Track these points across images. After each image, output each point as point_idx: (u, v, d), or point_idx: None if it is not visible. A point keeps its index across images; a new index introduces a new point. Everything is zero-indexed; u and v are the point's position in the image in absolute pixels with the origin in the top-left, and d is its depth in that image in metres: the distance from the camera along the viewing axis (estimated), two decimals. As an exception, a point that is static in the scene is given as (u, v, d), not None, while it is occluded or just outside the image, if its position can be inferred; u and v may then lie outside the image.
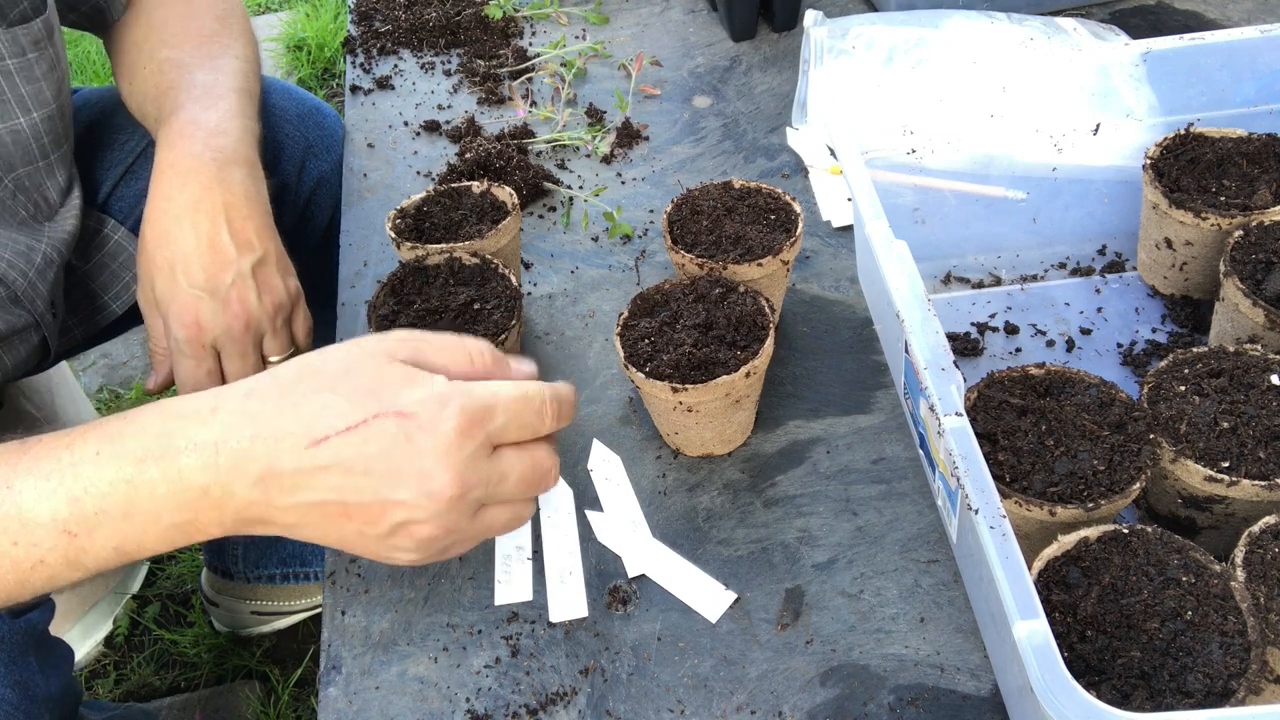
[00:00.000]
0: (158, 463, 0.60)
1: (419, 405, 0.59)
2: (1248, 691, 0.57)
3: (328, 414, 0.59)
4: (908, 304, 0.71)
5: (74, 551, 0.61)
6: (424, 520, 0.60)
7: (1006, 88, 0.93)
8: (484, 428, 0.60)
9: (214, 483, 0.59)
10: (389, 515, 0.60)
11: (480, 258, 0.89)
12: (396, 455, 0.59)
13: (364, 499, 0.59)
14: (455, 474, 0.59)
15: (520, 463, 0.63)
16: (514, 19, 1.37)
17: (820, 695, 0.70)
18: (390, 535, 0.61)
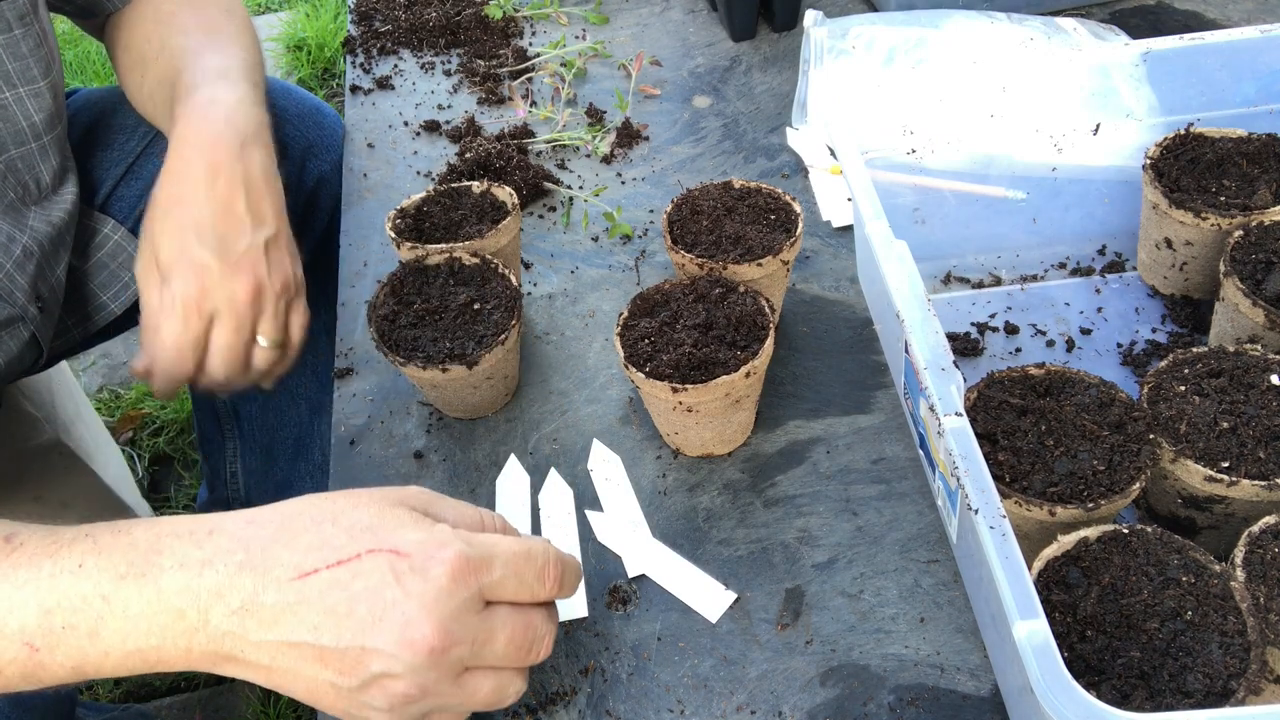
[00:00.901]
0: (138, 580, 0.57)
1: (415, 545, 0.57)
2: (1248, 691, 0.57)
3: (324, 548, 0.57)
4: (908, 304, 0.71)
5: (32, 666, 0.57)
6: (400, 674, 0.56)
7: (1006, 88, 0.93)
8: (479, 578, 0.58)
9: (191, 607, 0.56)
10: (365, 664, 0.56)
11: (480, 258, 0.89)
12: (382, 597, 0.56)
13: (341, 643, 0.56)
14: (439, 623, 0.56)
15: (512, 623, 0.59)
16: (514, 19, 1.37)
17: (820, 695, 0.70)
18: (363, 689, 0.57)
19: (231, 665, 0.58)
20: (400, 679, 0.56)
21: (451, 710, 0.60)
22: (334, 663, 0.56)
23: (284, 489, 1.29)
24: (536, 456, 0.87)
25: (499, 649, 0.59)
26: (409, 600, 0.56)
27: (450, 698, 0.58)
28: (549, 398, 0.92)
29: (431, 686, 0.57)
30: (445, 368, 0.81)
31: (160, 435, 1.80)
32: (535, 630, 0.60)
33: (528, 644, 0.60)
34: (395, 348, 0.84)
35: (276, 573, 0.56)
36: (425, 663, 0.56)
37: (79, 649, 0.57)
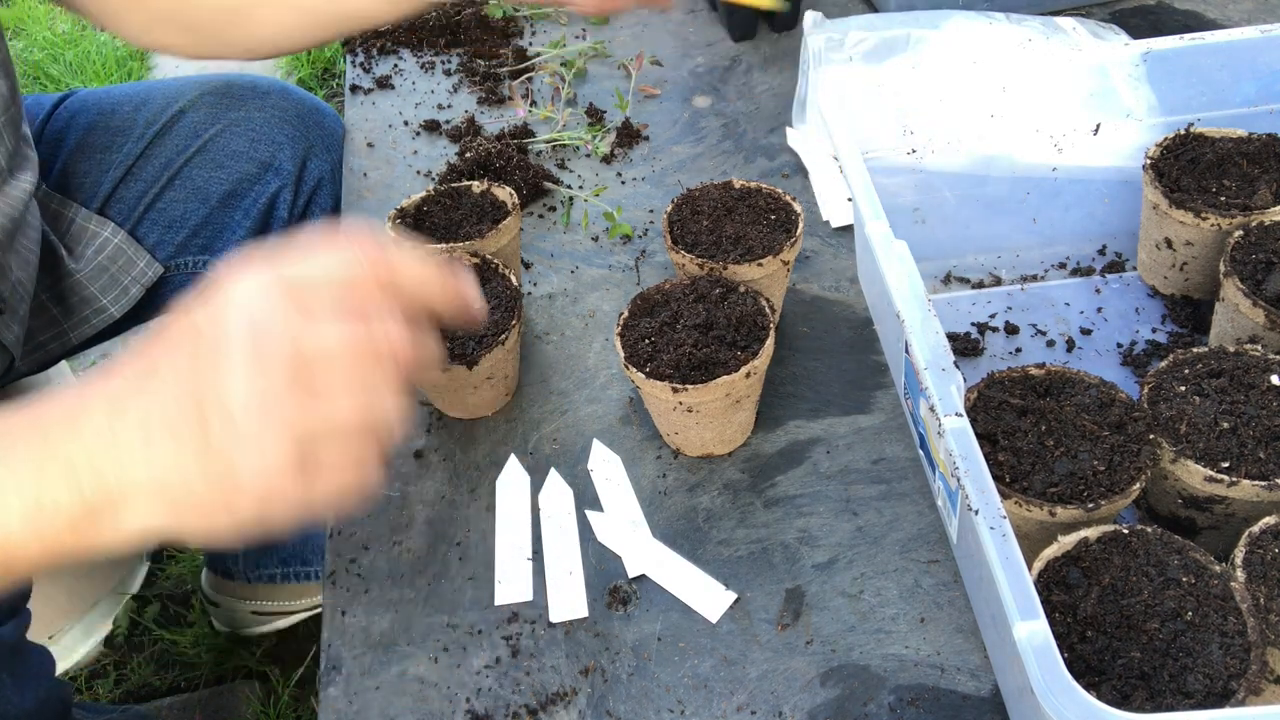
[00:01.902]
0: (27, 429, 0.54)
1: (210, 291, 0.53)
2: (1248, 692, 0.57)
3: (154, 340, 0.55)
4: (908, 304, 0.71)
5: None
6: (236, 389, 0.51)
7: (1006, 88, 0.93)
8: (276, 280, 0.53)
9: (71, 435, 0.54)
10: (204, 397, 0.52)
11: (480, 257, 0.89)
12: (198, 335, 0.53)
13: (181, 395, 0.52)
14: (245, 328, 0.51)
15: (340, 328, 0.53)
16: (514, 19, 1.37)
17: (820, 695, 0.70)
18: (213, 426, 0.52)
19: (126, 500, 0.54)
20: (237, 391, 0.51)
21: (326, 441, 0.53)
22: (183, 418, 0.52)
23: (284, 488, 1.29)
24: (536, 456, 0.87)
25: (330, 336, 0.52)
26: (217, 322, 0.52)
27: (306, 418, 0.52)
28: (549, 398, 0.92)
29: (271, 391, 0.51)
30: (445, 368, 0.81)
31: (160, 435, 1.80)
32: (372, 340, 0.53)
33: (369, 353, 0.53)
34: None
35: (119, 383, 0.54)
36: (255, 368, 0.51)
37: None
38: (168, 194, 1.08)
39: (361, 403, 0.53)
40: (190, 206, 1.08)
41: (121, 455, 0.53)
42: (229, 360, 0.51)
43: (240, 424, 0.51)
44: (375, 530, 0.84)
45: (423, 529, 0.83)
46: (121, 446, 0.53)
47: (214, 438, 0.52)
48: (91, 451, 0.54)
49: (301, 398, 0.52)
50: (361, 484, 0.55)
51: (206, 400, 0.52)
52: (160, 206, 1.08)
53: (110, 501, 0.54)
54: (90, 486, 0.53)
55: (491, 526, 0.83)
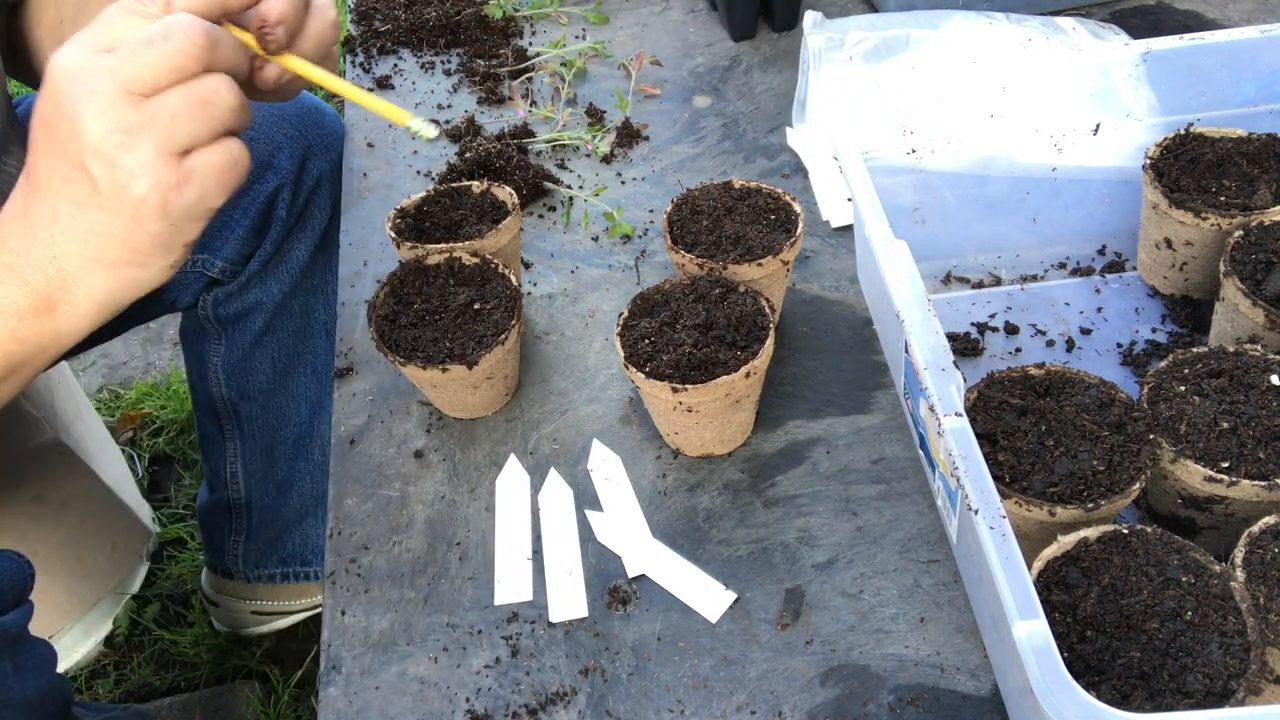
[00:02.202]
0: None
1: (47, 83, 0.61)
2: (1247, 692, 0.57)
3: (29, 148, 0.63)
4: (908, 304, 0.71)
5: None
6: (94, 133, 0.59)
7: (1006, 88, 0.93)
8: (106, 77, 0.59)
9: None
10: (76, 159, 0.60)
11: (480, 257, 0.89)
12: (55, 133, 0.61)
13: (61, 171, 0.61)
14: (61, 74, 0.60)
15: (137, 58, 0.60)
16: (514, 19, 1.37)
17: (820, 695, 0.70)
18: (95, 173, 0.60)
19: (71, 280, 0.64)
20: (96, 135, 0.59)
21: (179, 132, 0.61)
22: (72, 186, 0.61)
23: (284, 489, 1.29)
24: (536, 456, 0.87)
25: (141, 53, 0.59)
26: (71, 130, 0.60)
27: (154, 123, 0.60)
28: (549, 398, 0.92)
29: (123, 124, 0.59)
30: (445, 367, 0.81)
31: (160, 435, 1.80)
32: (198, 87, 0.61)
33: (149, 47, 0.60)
34: (395, 348, 0.84)
35: (20, 191, 0.64)
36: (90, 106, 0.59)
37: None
38: None
39: (191, 89, 0.61)
40: None
41: (46, 241, 0.63)
42: (75, 119, 0.59)
43: (111, 155, 0.60)
44: (375, 530, 0.84)
45: (423, 529, 0.83)
46: (41, 236, 0.63)
47: (101, 182, 0.60)
48: (20, 251, 0.63)
49: (145, 109, 0.60)
50: (234, 160, 0.63)
51: (77, 159, 0.60)
52: None
53: (57, 284, 0.64)
54: (36, 278, 0.63)
55: (491, 526, 0.83)
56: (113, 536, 1.45)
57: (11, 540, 1.28)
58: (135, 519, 1.50)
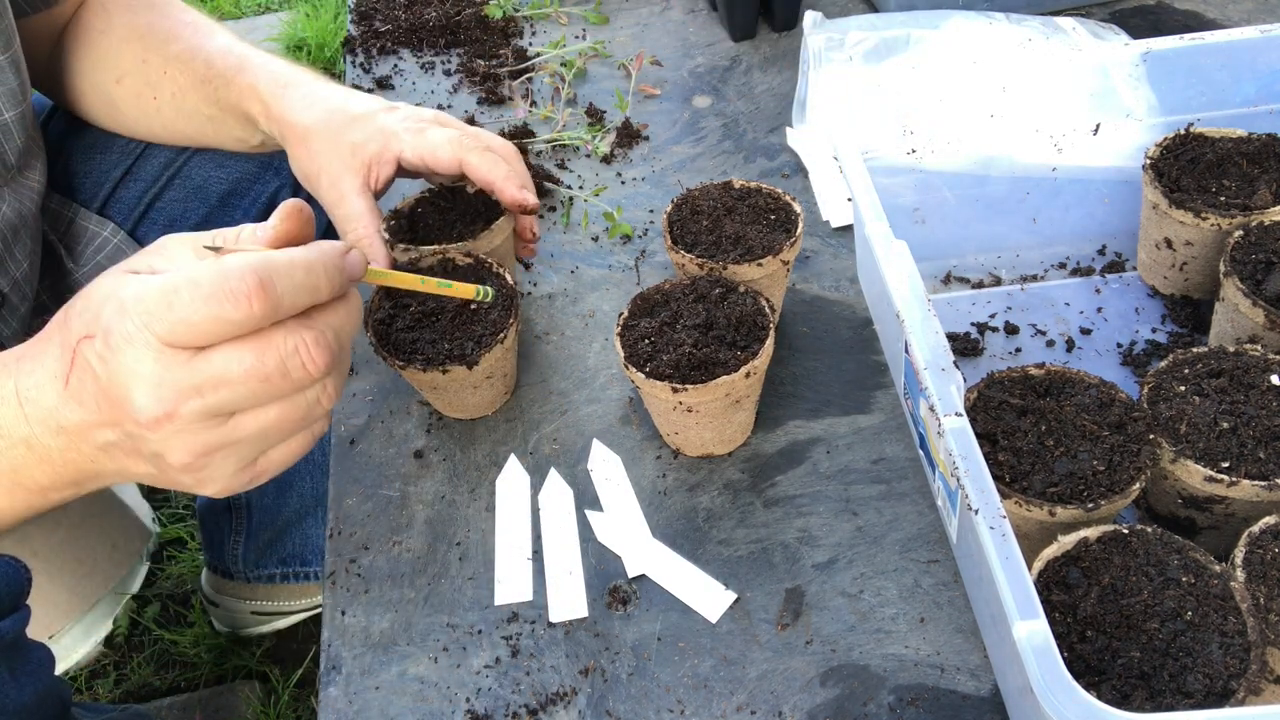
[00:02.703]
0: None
1: (90, 324, 0.54)
2: (1247, 692, 0.57)
3: (59, 354, 0.56)
4: (908, 304, 0.71)
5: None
6: (162, 451, 0.54)
7: (1006, 88, 0.93)
8: (153, 328, 0.51)
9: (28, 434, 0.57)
10: (141, 448, 0.55)
11: (474, 257, 0.88)
12: (101, 385, 0.54)
13: (117, 434, 0.55)
14: (147, 392, 0.52)
15: (240, 352, 0.53)
16: (514, 19, 1.37)
17: (820, 695, 0.70)
18: (163, 470, 0.56)
19: (98, 478, 0.60)
20: (167, 454, 0.55)
21: (260, 447, 0.57)
22: (130, 453, 0.56)
23: (284, 489, 1.29)
24: (536, 456, 0.87)
25: (244, 387, 0.53)
26: (116, 381, 0.53)
27: (237, 444, 0.56)
28: (549, 398, 0.92)
29: (201, 445, 0.55)
30: (445, 369, 0.81)
31: (160, 435, 1.80)
32: (277, 347, 0.53)
33: (274, 363, 0.53)
34: (394, 351, 0.84)
35: (54, 388, 0.56)
36: (166, 431, 0.53)
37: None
38: (167, 193, 1.08)
39: (290, 403, 0.56)
40: (190, 206, 1.08)
41: (84, 451, 0.58)
42: (144, 428, 0.53)
43: (186, 472, 0.56)
44: (375, 530, 0.84)
45: (423, 529, 0.83)
46: (80, 444, 0.57)
47: (169, 477, 0.57)
48: (53, 446, 0.58)
49: (229, 430, 0.55)
50: (302, 454, 0.60)
51: (148, 452, 0.56)
52: (160, 206, 1.08)
53: (84, 476, 0.60)
54: (67, 470, 0.59)
55: (491, 526, 0.83)
56: (113, 536, 1.44)
57: (12, 541, 1.27)
58: (135, 519, 1.50)
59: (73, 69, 1.00)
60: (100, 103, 1.01)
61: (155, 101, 0.98)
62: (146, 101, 0.99)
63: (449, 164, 0.88)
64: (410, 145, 0.88)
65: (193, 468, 0.56)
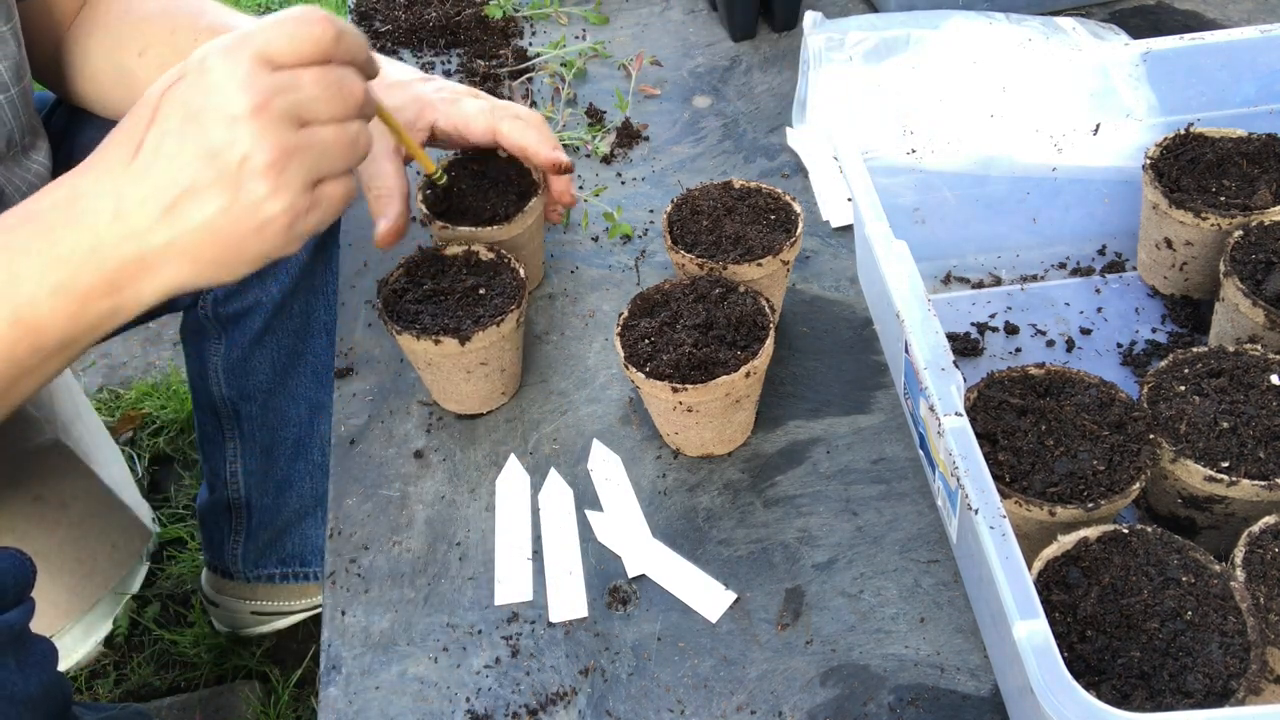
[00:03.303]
0: (29, 223, 0.64)
1: (181, 68, 0.63)
2: (1247, 691, 0.57)
3: (132, 126, 0.64)
4: (908, 304, 0.71)
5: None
6: (251, 147, 0.61)
7: (1006, 88, 0.93)
8: (246, 47, 0.62)
9: (77, 229, 0.63)
10: (224, 162, 0.61)
11: (496, 252, 0.89)
12: (190, 112, 0.61)
13: (196, 166, 0.61)
14: (241, 90, 0.61)
15: (309, 72, 0.63)
16: (514, 19, 1.37)
17: (820, 695, 0.70)
18: (240, 184, 0.62)
19: (148, 270, 0.64)
20: (254, 150, 0.61)
21: (324, 164, 0.65)
22: (205, 186, 0.62)
23: (284, 488, 1.29)
24: (536, 456, 0.87)
25: (311, 91, 0.63)
26: (208, 94, 0.61)
27: (310, 148, 0.63)
28: (549, 398, 0.92)
29: (282, 143, 0.62)
30: (438, 339, 0.82)
31: (160, 435, 1.80)
32: (333, 70, 0.64)
33: (334, 80, 0.64)
34: (395, 317, 0.85)
35: (118, 170, 0.63)
36: (260, 122, 0.61)
37: (7, 300, 0.63)
38: None
39: (343, 127, 0.65)
40: None
41: (140, 230, 0.63)
42: (236, 124, 0.61)
43: (267, 176, 0.62)
44: (375, 530, 0.84)
45: (423, 529, 0.83)
46: (137, 223, 0.63)
47: (244, 194, 0.62)
48: (106, 234, 0.63)
49: (304, 134, 0.63)
50: (350, 193, 0.67)
51: (229, 162, 0.61)
52: None
53: (132, 272, 0.64)
54: (113, 262, 0.63)
55: (491, 526, 0.83)
56: (113, 536, 1.44)
57: (11, 540, 1.27)
58: (135, 519, 1.50)
59: (87, 50, 0.99)
60: (114, 80, 1.00)
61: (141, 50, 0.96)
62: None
63: (482, 133, 0.91)
64: (444, 114, 0.91)
65: (275, 166, 0.62)
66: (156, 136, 0.62)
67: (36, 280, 0.63)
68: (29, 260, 0.63)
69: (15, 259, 0.63)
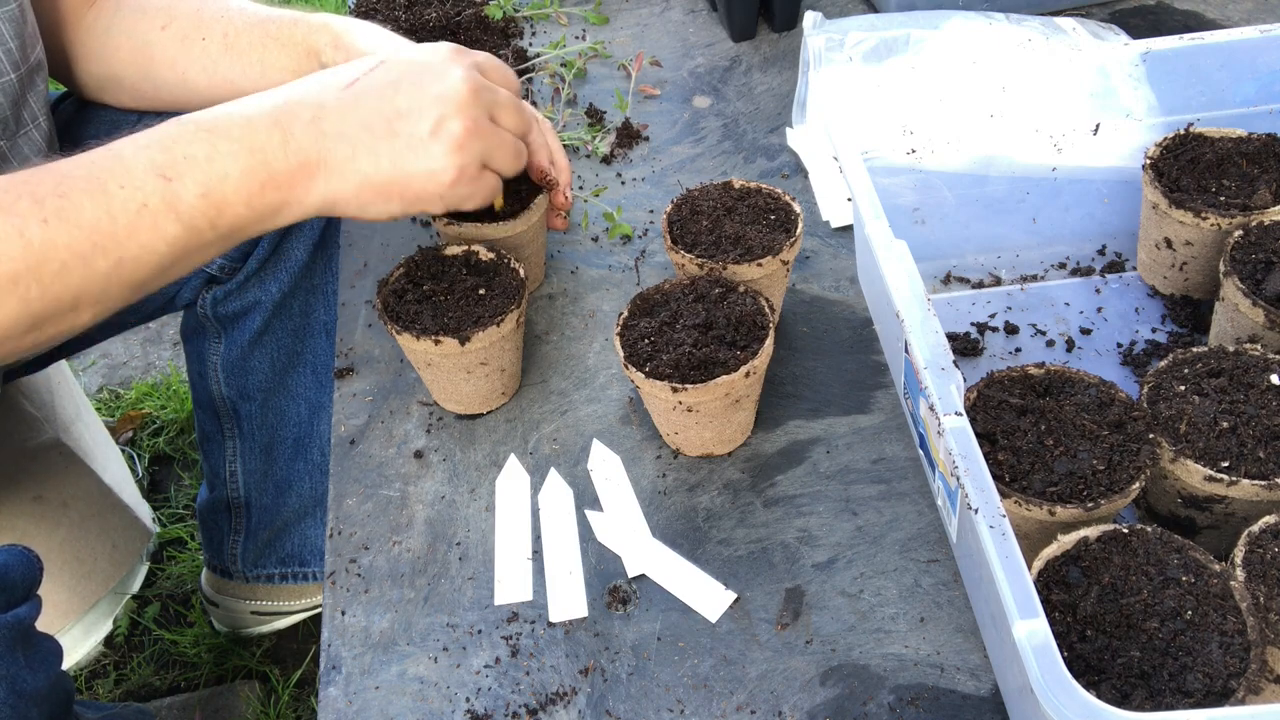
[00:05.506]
0: (230, 115, 0.73)
1: (417, 50, 0.80)
2: (1247, 691, 0.57)
3: (353, 69, 0.77)
4: (908, 304, 0.71)
5: (169, 196, 0.69)
6: (454, 113, 0.75)
7: (1006, 88, 0.93)
8: (469, 56, 0.80)
9: (276, 124, 0.73)
10: (426, 112, 0.74)
11: (496, 252, 0.89)
12: (415, 70, 0.76)
13: (401, 103, 0.75)
14: (464, 72, 0.77)
15: (504, 90, 0.81)
16: (514, 19, 1.37)
17: (820, 695, 0.70)
18: (431, 135, 0.75)
19: (323, 172, 0.74)
20: (455, 117, 0.75)
21: (496, 155, 0.79)
22: (403, 122, 0.75)
23: (283, 488, 1.29)
24: (536, 456, 0.87)
25: (505, 101, 0.80)
26: (436, 68, 0.77)
27: (491, 137, 0.78)
28: (549, 398, 0.92)
29: (477, 121, 0.76)
30: (438, 339, 0.82)
31: (160, 435, 1.80)
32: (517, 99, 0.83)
33: (518, 105, 0.82)
34: (395, 318, 0.85)
35: (331, 89, 0.76)
36: (468, 99, 0.76)
37: (203, 174, 0.71)
38: None
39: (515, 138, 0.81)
40: None
41: (330, 134, 0.74)
42: (449, 95, 0.76)
43: (458, 137, 0.76)
44: (375, 530, 0.84)
45: (423, 529, 0.83)
46: (330, 127, 0.74)
47: (433, 142, 0.75)
48: (301, 134, 0.73)
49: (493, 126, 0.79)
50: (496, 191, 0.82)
51: (433, 116, 0.75)
52: None
53: (311, 167, 0.74)
54: (297, 152, 0.73)
55: (491, 526, 0.83)
56: (113, 536, 1.44)
57: (12, 540, 1.28)
58: (135, 519, 1.50)
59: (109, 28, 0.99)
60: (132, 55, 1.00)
61: (203, 43, 0.97)
62: (193, 44, 0.97)
63: None
64: None
65: (467, 133, 0.76)
66: (376, 78, 0.76)
67: (231, 159, 0.71)
68: (229, 144, 0.71)
69: (217, 141, 0.71)
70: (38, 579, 0.84)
